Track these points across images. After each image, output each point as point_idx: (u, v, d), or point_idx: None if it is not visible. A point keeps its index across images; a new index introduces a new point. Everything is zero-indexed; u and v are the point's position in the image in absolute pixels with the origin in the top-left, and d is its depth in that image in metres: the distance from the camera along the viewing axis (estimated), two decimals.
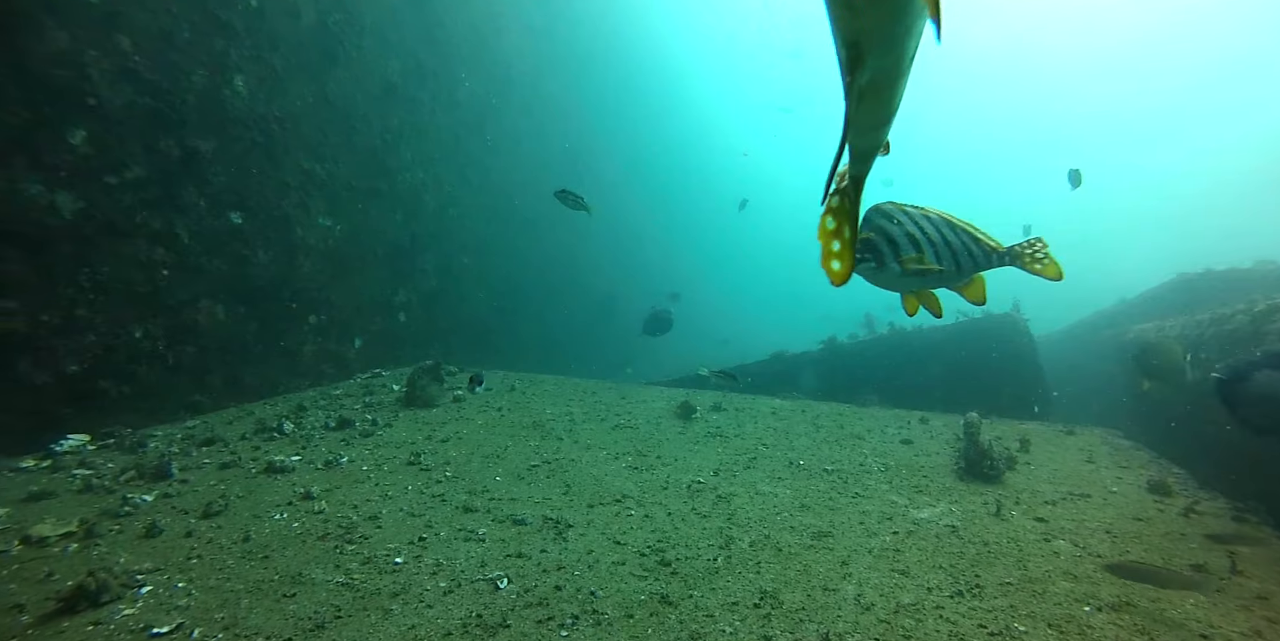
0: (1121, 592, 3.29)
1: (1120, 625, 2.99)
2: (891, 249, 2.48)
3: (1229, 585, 3.46)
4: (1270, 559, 3.84)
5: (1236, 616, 3.12)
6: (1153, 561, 3.72)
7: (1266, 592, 3.37)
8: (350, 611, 2.76)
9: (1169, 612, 3.14)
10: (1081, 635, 2.88)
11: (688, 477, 4.63)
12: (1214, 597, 3.30)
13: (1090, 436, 6.84)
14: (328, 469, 4.45)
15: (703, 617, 2.85)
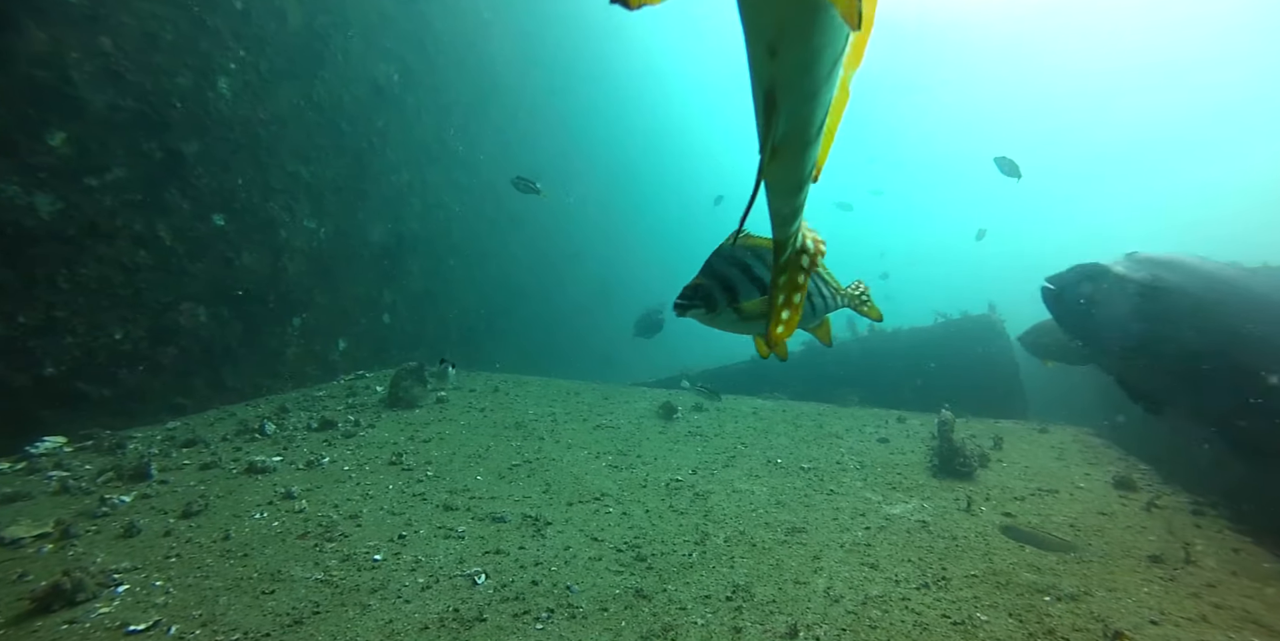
0: (1080, 584, 3.41)
1: (1077, 613, 3.10)
2: (727, 294, 2.43)
3: (1182, 574, 3.59)
4: (1223, 549, 3.98)
5: (1186, 603, 3.24)
6: (1110, 552, 3.85)
7: (1216, 581, 3.51)
8: (329, 607, 2.81)
9: (1124, 600, 3.26)
10: (1040, 623, 2.99)
11: (667, 476, 4.71)
12: (1164, 586, 3.43)
13: (1063, 434, 6.99)
14: (309, 469, 4.49)
15: (675, 610, 2.93)
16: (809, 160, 1.15)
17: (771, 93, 0.96)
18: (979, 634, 2.88)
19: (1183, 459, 5.58)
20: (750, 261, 2.49)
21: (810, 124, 1.05)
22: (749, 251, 2.50)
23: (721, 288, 2.43)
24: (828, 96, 1.03)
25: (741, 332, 2.60)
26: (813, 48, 0.89)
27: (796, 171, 1.16)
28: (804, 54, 0.89)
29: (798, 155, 1.11)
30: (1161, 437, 6.05)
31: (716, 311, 2.42)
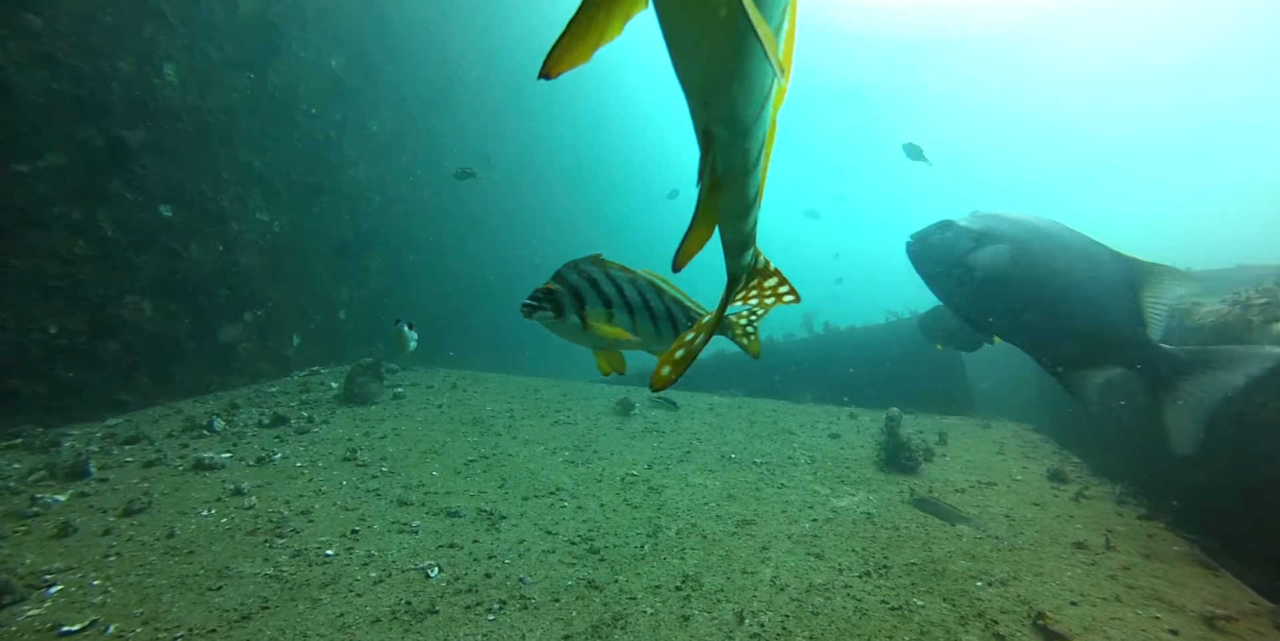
0: (1010, 570, 3.61)
1: (1006, 597, 3.29)
2: (575, 303, 2.50)
3: (1103, 559, 3.84)
4: (1139, 534, 4.27)
5: (1103, 585, 3.48)
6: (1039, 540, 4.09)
7: (1130, 564, 3.76)
8: (278, 602, 2.79)
9: (1049, 584, 3.47)
10: (971, 606, 3.17)
11: (622, 471, 4.78)
12: (1085, 569, 3.66)
13: (1004, 430, 7.33)
14: (260, 465, 4.41)
15: (626, 600, 3.00)
16: (751, 188, 1.22)
17: (709, 133, 1.05)
18: (914, 618, 3.04)
19: (1110, 452, 5.92)
20: (599, 277, 2.58)
21: (748, 156, 1.13)
22: (600, 270, 2.59)
23: (571, 296, 2.51)
24: (761, 131, 1.12)
25: (582, 343, 2.65)
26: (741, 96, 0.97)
27: (741, 199, 1.23)
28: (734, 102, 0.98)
29: (739, 184, 1.18)
30: (1093, 433, 6.40)
31: (563, 318, 2.49)
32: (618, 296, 2.58)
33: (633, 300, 2.59)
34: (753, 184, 1.22)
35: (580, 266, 2.59)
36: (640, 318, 2.61)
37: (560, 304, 2.51)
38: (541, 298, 2.51)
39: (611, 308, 2.56)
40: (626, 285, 2.60)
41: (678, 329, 2.68)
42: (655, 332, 2.66)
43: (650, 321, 2.63)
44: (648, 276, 2.68)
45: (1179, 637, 3.02)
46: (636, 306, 2.60)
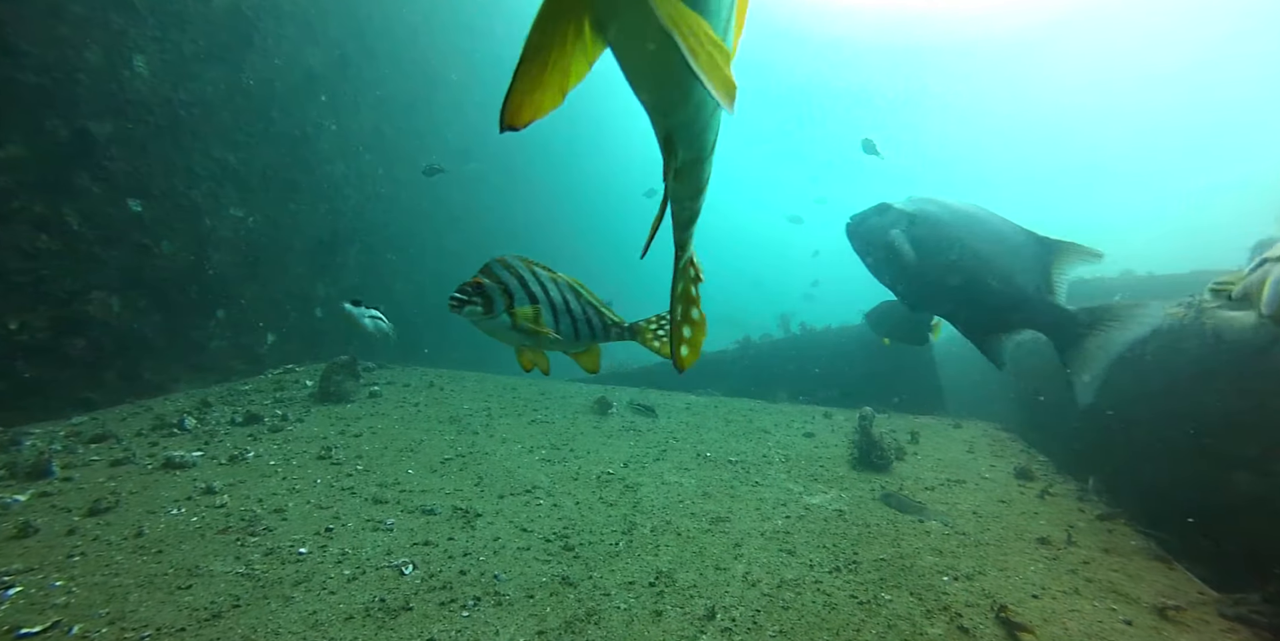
0: (976, 565, 3.71)
1: (971, 591, 3.39)
2: (505, 299, 2.52)
3: (1064, 553, 3.97)
4: (1099, 529, 4.41)
5: (1064, 578, 3.59)
6: (1005, 536, 4.20)
7: (1090, 558, 3.89)
8: (250, 600, 2.78)
9: (1013, 578, 3.58)
10: (937, 600, 3.25)
11: (598, 469, 4.81)
12: (1047, 564, 3.78)
13: (974, 429, 7.49)
14: (232, 464, 4.36)
15: (600, 596, 3.04)
16: (704, 174, 1.33)
17: (669, 137, 1.14)
18: (882, 611, 3.11)
19: (1073, 451, 6.09)
20: (527, 276, 2.58)
21: (704, 149, 1.23)
22: (527, 268, 2.60)
23: (501, 292, 2.51)
24: (714, 130, 1.22)
25: (504, 341, 2.67)
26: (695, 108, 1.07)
27: (695, 183, 1.34)
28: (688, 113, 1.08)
29: (695, 172, 1.30)
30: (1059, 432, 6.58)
31: (493, 315, 2.49)
32: (543, 295, 2.60)
33: (555, 300, 2.63)
34: (705, 171, 1.32)
35: (509, 263, 2.60)
36: (562, 319, 2.65)
37: (491, 299, 2.50)
38: (471, 291, 2.49)
39: (537, 306, 2.58)
40: (550, 285, 2.63)
41: (594, 333, 2.74)
42: (574, 334, 2.70)
43: (570, 323, 2.68)
44: (567, 279, 2.72)
45: (1132, 627, 3.14)
46: (559, 307, 2.63)
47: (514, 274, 2.57)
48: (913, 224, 3.52)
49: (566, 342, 2.73)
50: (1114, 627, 3.14)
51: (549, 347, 2.80)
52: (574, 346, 2.81)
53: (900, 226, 3.54)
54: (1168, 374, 4.65)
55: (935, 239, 3.46)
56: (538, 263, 2.67)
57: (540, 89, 0.84)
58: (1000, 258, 3.44)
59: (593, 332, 2.75)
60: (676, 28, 0.73)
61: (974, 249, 3.44)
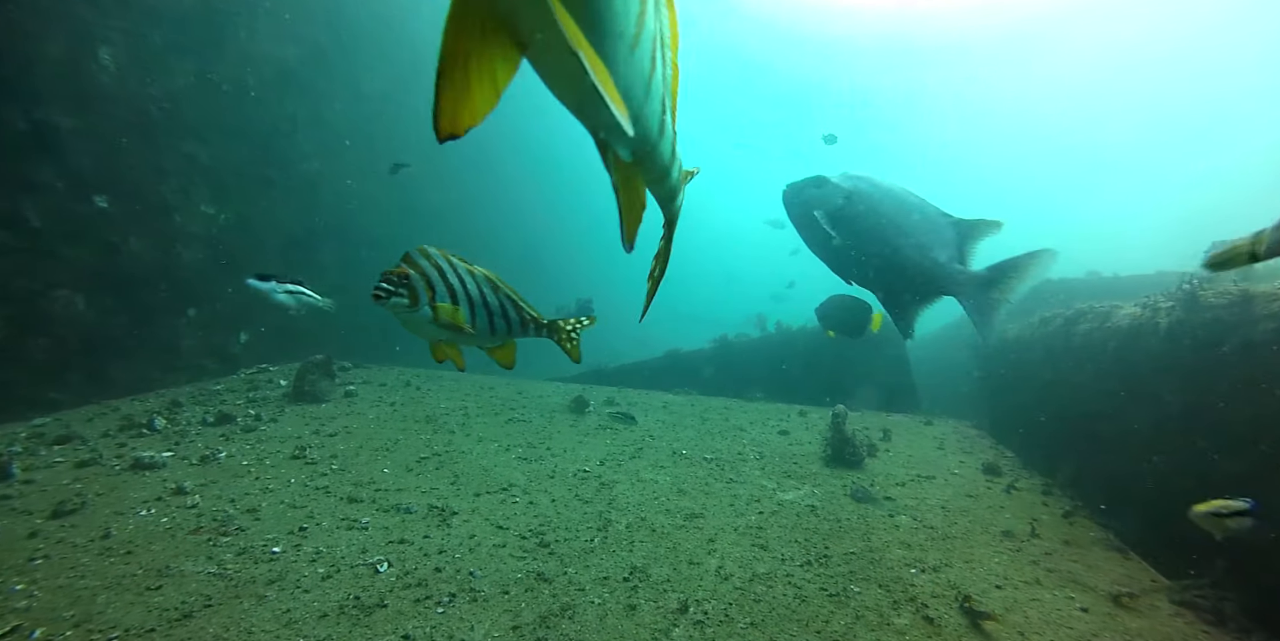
0: (943, 557, 3.82)
1: (937, 583, 3.49)
2: (428, 292, 2.41)
3: (1027, 545, 4.10)
4: (1061, 522, 4.56)
5: (1026, 569, 3.72)
6: (971, 529, 4.32)
7: (1051, 550, 4.02)
8: (222, 600, 2.76)
9: (978, 570, 3.69)
10: (905, 592, 3.35)
11: (575, 467, 4.84)
12: (1011, 556, 3.90)
13: (945, 426, 7.66)
14: (204, 464, 4.31)
15: (574, 591, 3.07)
16: (662, 156, 1.33)
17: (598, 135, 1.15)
18: (851, 603, 3.20)
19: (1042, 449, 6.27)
20: (445, 267, 2.47)
21: (648, 136, 1.23)
22: (445, 259, 2.50)
23: (425, 284, 2.40)
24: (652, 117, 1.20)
25: (424, 335, 2.58)
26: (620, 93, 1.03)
27: (656, 167, 1.35)
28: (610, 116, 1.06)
29: (652, 155, 1.30)
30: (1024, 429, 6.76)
31: (417, 308, 2.37)
32: (461, 289, 2.51)
33: (473, 293, 2.54)
34: (663, 153, 1.32)
35: (429, 252, 2.49)
36: (479, 313, 2.57)
37: (415, 291, 2.39)
38: (397, 282, 2.36)
39: (456, 300, 2.49)
40: (467, 277, 2.55)
41: (511, 328, 2.68)
42: (490, 329, 2.62)
43: (487, 317, 2.59)
44: (484, 271, 2.63)
45: (1088, 614, 3.27)
46: (476, 300, 2.55)
47: (434, 264, 2.46)
48: (848, 200, 3.81)
49: (483, 337, 2.65)
50: (1071, 615, 3.26)
51: (465, 343, 2.72)
52: (491, 341, 2.72)
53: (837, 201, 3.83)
54: (1127, 371, 4.81)
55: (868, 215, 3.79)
56: (455, 253, 2.57)
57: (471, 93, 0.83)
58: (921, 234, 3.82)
59: (509, 327, 2.68)
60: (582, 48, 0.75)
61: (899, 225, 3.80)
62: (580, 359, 2.90)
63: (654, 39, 1.09)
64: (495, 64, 0.85)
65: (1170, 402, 4.24)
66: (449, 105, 0.82)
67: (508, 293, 2.66)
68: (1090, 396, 5.26)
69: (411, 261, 2.45)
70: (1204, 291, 3.89)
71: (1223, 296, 3.72)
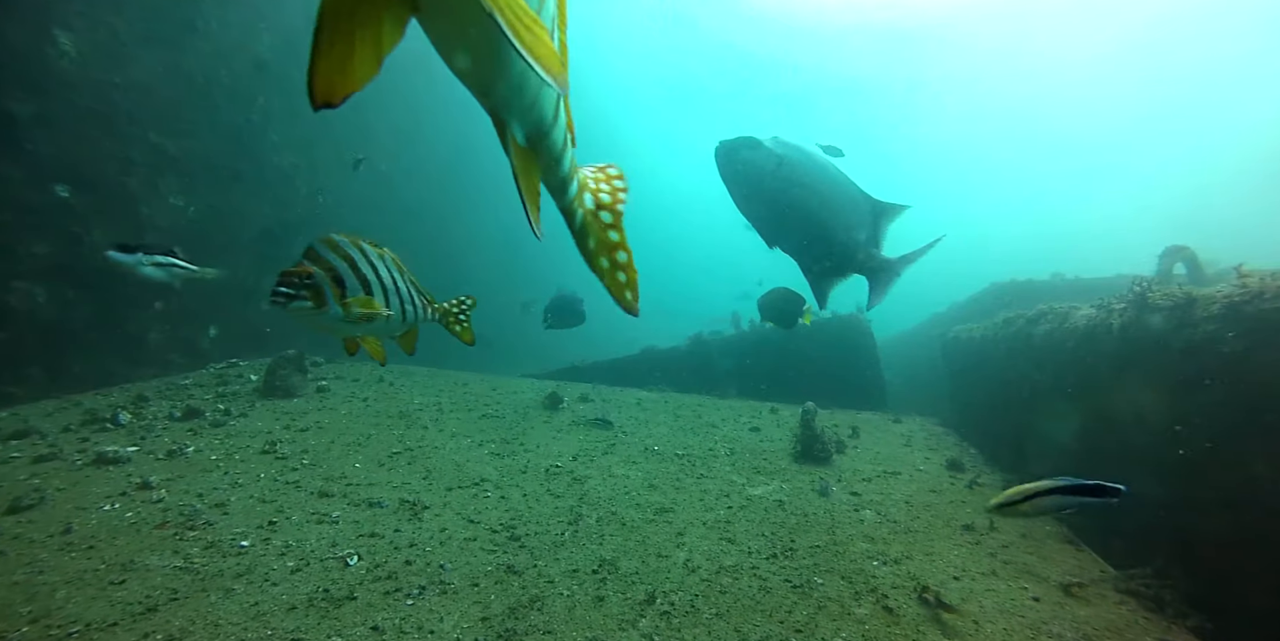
0: (904, 550, 3.94)
1: (898, 574, 3.60)
2: (339, 290, 2.16)
3: (986, 539, 4.24)
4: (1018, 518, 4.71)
5: (983, 561, 3.85)
6: (933, 523, 4.46)
7: (1009, 543, 4.17)
8: (188, 593, 2.75)
9: (937, 562, 3.81)
10: (866, 583, 3.45)
11: (547, 462, 4.88)
12: (970, 548, 4.04)
13: (913, 424, 7.85)
14: (170, 459, 4.26)
15: (544, 583, 3.12)
16: (555, 142, 1.30)
17: (495, 113, 1.10)
18: (814, 594, 3.29)
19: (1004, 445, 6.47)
20: (357, 256, 2.25)
21: (544, 120, 1.20)
22: (356, 247, 2.28)
23: (330, 280, 2.15)
24: (548, 98, 1.17)
25: (333, 333, 2.39)
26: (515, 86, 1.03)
27: (551, 151, 1.31)
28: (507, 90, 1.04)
29: (546, 140, 1.27)
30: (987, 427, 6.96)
31: (323, 308, 2.12)
32: (375, 278, 2.31)
33: (386, 281, 2.36)
34: (555, 140, 1.29)
35: (337, 243, 2.26)
36: (393, 300, 2.39)
37: (320, 291, 2.12)
38: (298, 284, 2.09)
39: (370, 291, 2.28)
40: (379, 264, 2.36)
41: (418, 313, 2.55)
42: (402, 316, 2.45)
43: (399, 303, 2.42)
44: (393, 256, 2.47)
45: (1040, 603, 3.40)
46: (389, 288, 2.37)
47: (343, 255, 2.23)
48: (780, 165, 3.93)
49: (395, 325, 2.47)
50: (1024, 604, 3.40)
51: (378, 334, 2.53)
52: (402, 328, 2.56)
53: (770, 166, 3.95)
54: (1084, 370, 4.99)
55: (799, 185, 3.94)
56: (365, 239, 2.38)
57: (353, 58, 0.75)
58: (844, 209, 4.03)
59: (417, 312, 2.54)
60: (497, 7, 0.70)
61: (825, 197, 3.97)
62: (473, 341, 2.81)
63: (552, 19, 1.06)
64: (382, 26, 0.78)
65: (1122, 399, 4.42)
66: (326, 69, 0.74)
67: (411, 277, 2.53)
68: (1049, 394, 5.45)
69: (316, 256, 2.19)
70: (1152, 294, 4.07)
71: (1169, 298, 3.89)
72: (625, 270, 1.52)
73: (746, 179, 3.89)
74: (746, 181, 3.90)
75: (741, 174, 3.89)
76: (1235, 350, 3.33)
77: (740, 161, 3.91)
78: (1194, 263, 7.75)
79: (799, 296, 5.65)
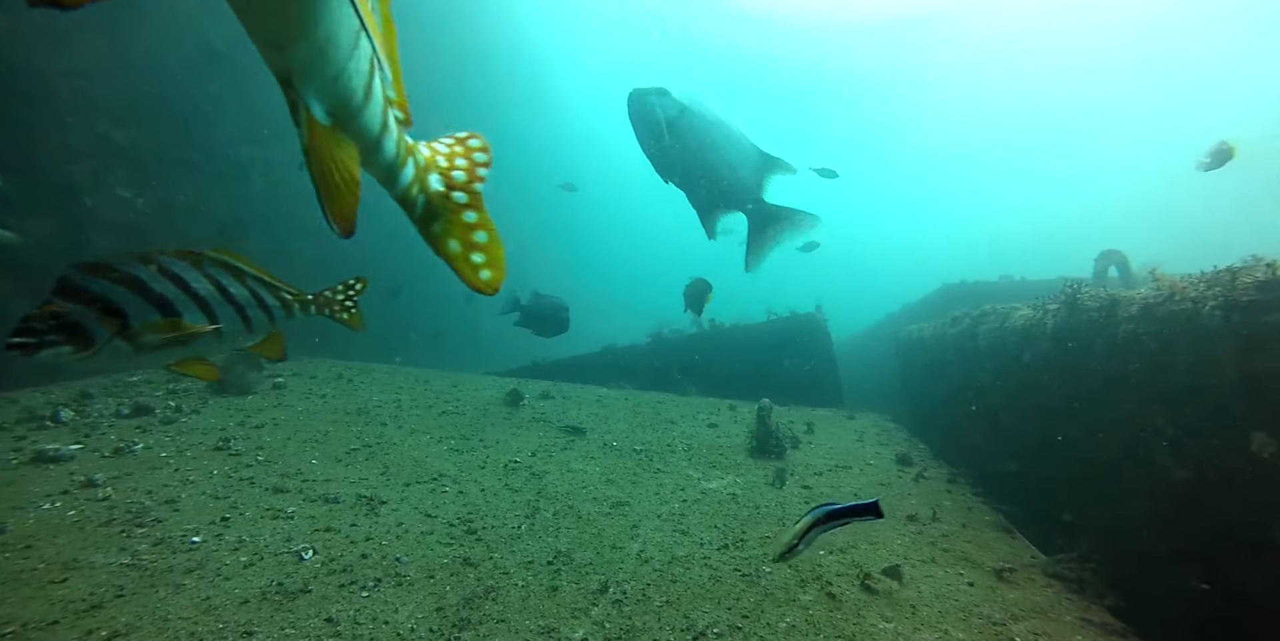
0: (850, 540, 4.11)
1: (842, 562, 3.77)
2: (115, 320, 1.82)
3: (928, 528, 4.45)
4: (961, 508, 4.96)
5: (924, 549, 4.06)
6: None
7: (950, 532, 4.39)
8: (135, 589, 2.73)
9: (881, 550, 3.99)
10: (812, 571, 3.61)
11: (506, 458, 4.93)
12: (913, 538, 4.24)
13: (866, 420, 8.11)
14: (117, 456, 4.16)
15: (499, 574, 3.18)
16: (371, 122, 1.15)
17: (288, 80, 0.96)
18: (761, 582, 3.43)
19: (951, 440, 6.75)
20: (146, 276, 1.92)
21: (352, 96, 1.05)
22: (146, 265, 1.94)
23: (98, 314, 1.80)
24: (361, 75, 1.04)
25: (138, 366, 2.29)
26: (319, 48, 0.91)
27: (364, 134, 1.14)
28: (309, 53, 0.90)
29: (356, 121, 1.10)
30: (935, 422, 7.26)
31: (93, 350, 1.79)
32: (181, 293, 1.99)
33: (204, 292, 2.05)
34: (369, 122, 1.14)
35: (110, 264, 1.89)
36: (222, 311, 2.11)
37: (79, 330, 1.76)
38: (47, 327, 1.73)
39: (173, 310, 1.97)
40: (188, 274, 2.03)
41: (272, 315, 2.33)
42: (244, 325, 2.21)
43: (236, 312, 2.17)
44: (219, 257, 2.16)
45: (974, 587, 3.61)
46: (212, 299, 2.07)
47: (119, 278, 1.86)
48: (683, 113, 4.46)
49: (236, 337, 2.24)
50: (959, 589, 3.60)
51: (209, 351, 2.21)
52: (249, 338, 2.32)
53: (675, 111, 4.45)
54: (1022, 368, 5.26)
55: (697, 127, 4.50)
56: (166, 249, 2.04)
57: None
58: (734, 153, 4.65)
59: (270, 315, 2.30)
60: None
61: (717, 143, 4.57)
62: (364, 327, 2.66)
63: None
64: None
65: (1055, 396, 4.69)
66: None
67: (256, 275, 2.26)
68: (992, 390, 5.72)
69: (71, 289, 1.79)
70: (1082, 295, 4.33)
71: (1096, 300, 4.15)
72: (483, 250, 1.37)
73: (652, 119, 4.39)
74: (652, 122, 4.39)
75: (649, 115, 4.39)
76: (1149, 348, 3.58)
77: (648, 105, 4.40)
78: (1125, 265, 8.19)
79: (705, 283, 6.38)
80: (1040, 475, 4.85)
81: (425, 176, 1.38)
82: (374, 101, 1.13)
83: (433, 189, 1.39)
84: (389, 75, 1.20)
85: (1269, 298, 2.80)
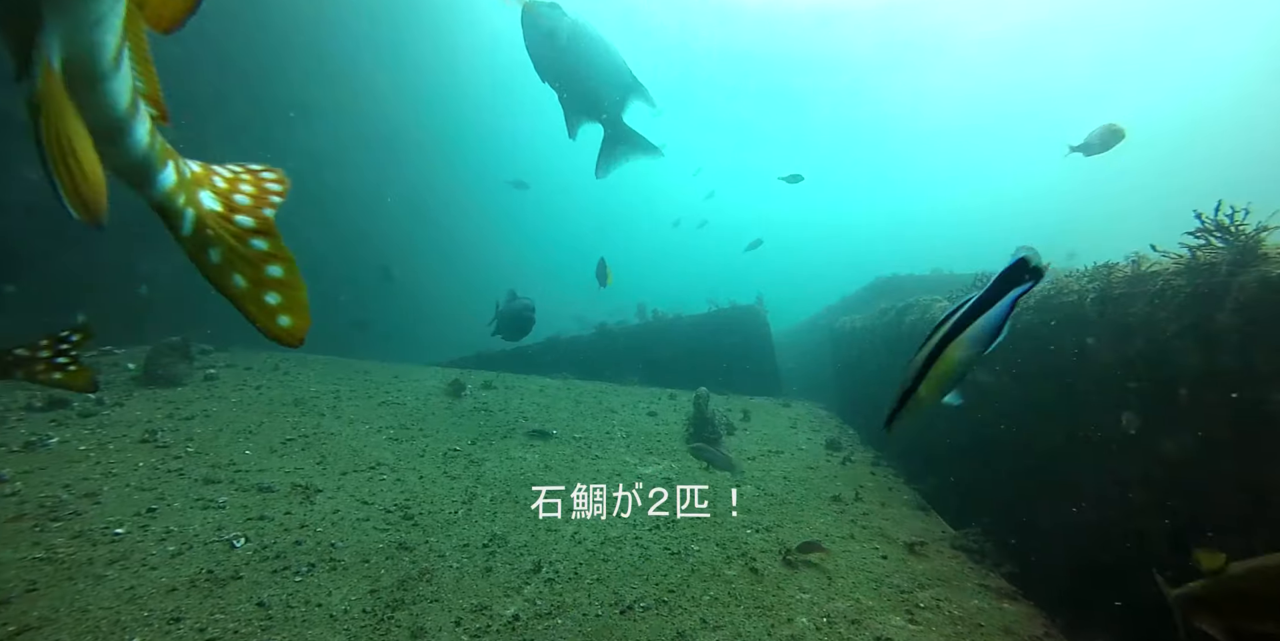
0: (776, 519, 4.36)
1: (767, 540, 4.00)
2: None
3: (850, 508, 4.75)
4: (882, 488, 5.29)
5: (845, 527, 4.34)
6: (806, 496, 4.93)
7: (869, 511, 4.70)
8: (50, 583, 2.69)
9: (804, 529, 4.25)
10: (738, 548, 3.82)
11: (445, 446, 4.98)
12: (835, 516, 4.52)
13: (801, 408, 8.46)
14: (28, 450, 4.01)
15: (435, 557, 3.26)
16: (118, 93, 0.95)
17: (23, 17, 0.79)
18: (689, 560, 3.61)
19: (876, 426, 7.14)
20: None
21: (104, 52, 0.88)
22: None
23: None
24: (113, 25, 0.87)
25: None
26: None
27: (113, 107, 0.96)
28: None
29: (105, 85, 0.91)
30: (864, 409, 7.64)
31: None
32: None
33: None
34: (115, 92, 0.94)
35: None
36: None
37: None
38: None
39: None
40: None
41: None
42: None
43: None
44: None
45: (887, 560, 3.90)
46: None
47: None
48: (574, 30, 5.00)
49: None
50: (874, 561, 3.88)
51: None
52: None
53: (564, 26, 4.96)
54: None
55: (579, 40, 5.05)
56: None
57: None
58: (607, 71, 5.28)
59: None
60: None
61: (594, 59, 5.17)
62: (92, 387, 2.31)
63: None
64: None
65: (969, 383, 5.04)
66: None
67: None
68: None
69: None
70: None
71: None
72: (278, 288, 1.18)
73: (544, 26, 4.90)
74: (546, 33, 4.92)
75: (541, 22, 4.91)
76: (1043, 334, 3.93)
77: (542, 13, 4.89)
78: None
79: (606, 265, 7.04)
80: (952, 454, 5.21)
81: (194, 190, 1.19)
82: (123, 72, 0.95)
83: (205, 207, 1.18)
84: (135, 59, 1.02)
85: (1135, 291, 3.14)
